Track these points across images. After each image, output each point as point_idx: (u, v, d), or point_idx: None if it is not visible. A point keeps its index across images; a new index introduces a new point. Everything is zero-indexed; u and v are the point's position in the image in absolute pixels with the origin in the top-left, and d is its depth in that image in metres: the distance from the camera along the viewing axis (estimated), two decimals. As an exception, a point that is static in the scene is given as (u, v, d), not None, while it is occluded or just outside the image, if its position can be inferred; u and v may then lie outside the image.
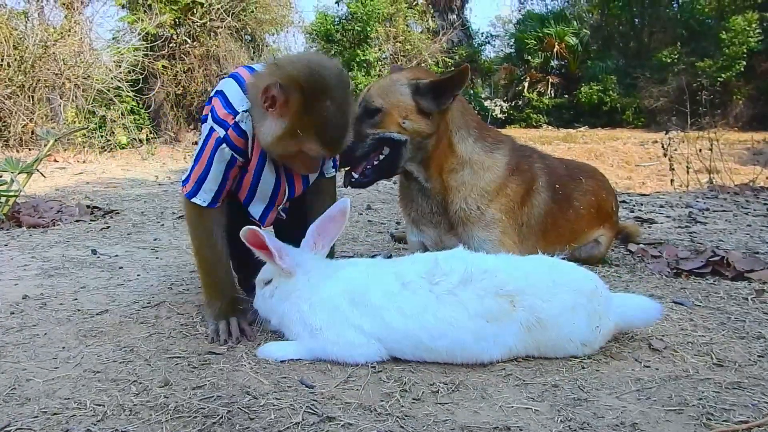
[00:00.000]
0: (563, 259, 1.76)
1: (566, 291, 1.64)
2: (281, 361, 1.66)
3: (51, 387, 1.51)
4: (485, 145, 2.34)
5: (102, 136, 10.01)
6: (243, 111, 1.86)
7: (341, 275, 1.73)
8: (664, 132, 6.83)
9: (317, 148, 1.76)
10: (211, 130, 1.87)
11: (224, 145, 1.86)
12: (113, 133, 10.50)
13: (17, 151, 8.50)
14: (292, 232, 1.97)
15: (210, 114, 1.90)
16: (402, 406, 1.42)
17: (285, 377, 1.57)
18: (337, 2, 19.62)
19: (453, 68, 20.00)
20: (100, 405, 1.42)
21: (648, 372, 1.60)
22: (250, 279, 1.96)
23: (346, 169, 2.32)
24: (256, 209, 2.03)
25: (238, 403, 1.42)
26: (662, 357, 1.69)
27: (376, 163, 2.29)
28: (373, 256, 1.98)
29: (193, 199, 1.90)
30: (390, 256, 2.21)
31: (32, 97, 9.38)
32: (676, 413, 1.38)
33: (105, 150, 9.41)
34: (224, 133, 1.86)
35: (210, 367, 1.63)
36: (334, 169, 2.15)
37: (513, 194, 2.30)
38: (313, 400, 1.44)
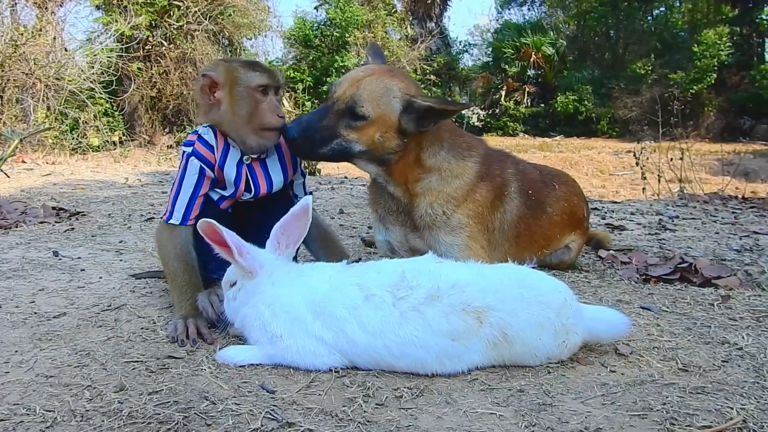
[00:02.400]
0: (533, 267, 1.72)
1: (534, 305, 1.59)
2: (241, 366, 1.62)
3: (0, 392, 1.45)
4: (457, 152, 2.29)
5: (74, 138, 9.86)
6: (203, 126, 2.13)
7: (305, 282, 1.68)
8: (637, 141, 6.91)
9: (257, 79, 2.03)
10: (182, 153, 2.13)
11: (192, 157, 2.08)
12: (85, 135, 10.36)
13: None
14: None
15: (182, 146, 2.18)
16: (365, 412, 1.39)
17: (246, 382, 1.53)
18: (315, 8, 19.64)
19: (432, 76, 20.05)
20: (50, 411, 1.37)
21: (614, 377, 1.58)
22: None
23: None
24: (214, 194, 2.15)
25: (195, 409, 1.38)
26: (628, 362, 1.68)
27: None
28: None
29: (170, 221, 2.08)
30: (359, 260, 2.17)
31: (1, 97, 9.21)
32: (640, 418, 1.37)
33: (76, 152, 9.25)
34: (191, 147, 2.09)
35: (168, 371, 1.59)
36: (309, 195, 2.24)
37: (482, 199, 2.27)
38: (274, 406, 1.40)
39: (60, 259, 2.69)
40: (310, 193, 2.37)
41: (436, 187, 2.25)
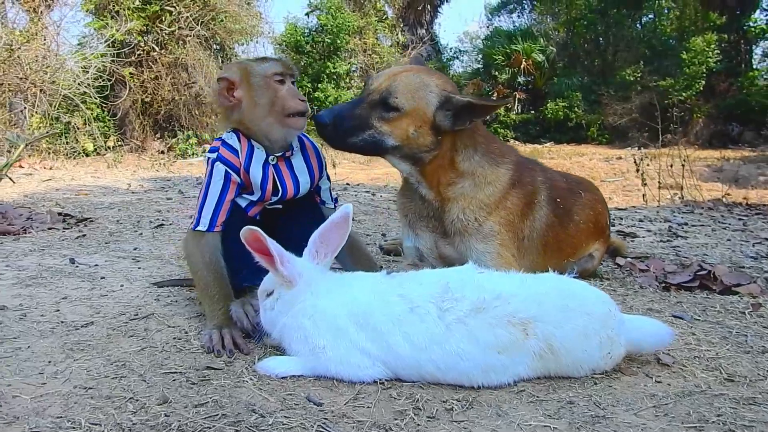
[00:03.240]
0: (574, 277, 1.71)
1: (580, 316, 1.58)
2: (283, 378, 1.59)
3: (40, 404, 1.42)
4: (491, 158, 2.26)
5: (67, 143, 9.75)
6: (227, 132, 2.14)
7: (347, 293, 1.65)
8: (638, 148, 6.94)
9: (271, 67, 2.07)
10: (207, 160, 2.11)
11: (218, 162, 2.07)
12: (77, 140, 10.25)
13: (-22, 157, 8.22)
14: None
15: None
16: (418, 425, 1.37)
17: (291, 394, 1.50)
18: (307, 14, 19.58)
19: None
20: (95, 424, 1.33)
21: (661, 388, 1.57)
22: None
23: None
24: (242, 200, 2.15)
25: (246, 422, 1.35)
26: (672, 372, 1.66)
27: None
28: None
29: (197, 228, 2.06)
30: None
31: (-6, 102, 9.12)
32: (697, 430, 1.35)
33: (70, 157, 9.15)
34: (216, 153, 2.08)
35: (210, 383, 1.56)
36: (333, 203, 2.34)
37: (513, 207, 2.25)
38: (324, 419, 1.38)
39: (77, 267, 2.64)
40: (335, 199, 2.36)
41: (470, 192, 2.22)
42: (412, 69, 2.20)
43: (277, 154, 2.11)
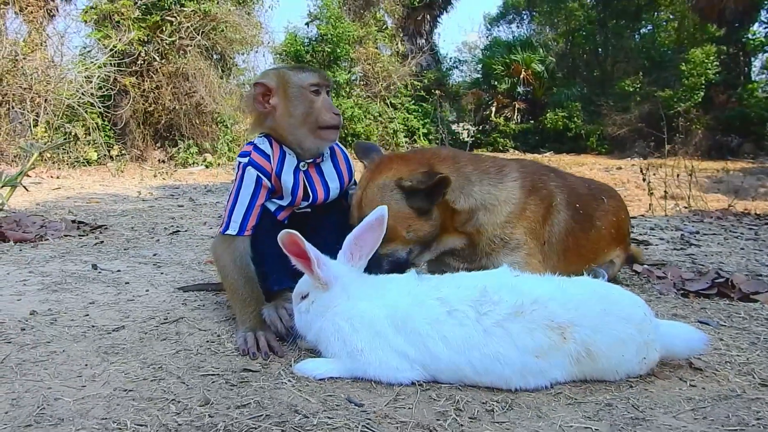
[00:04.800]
0: (607, 281, 1.72)
1: (617, 321, 1.58)
2: (321, 379, 1.60)
3: (83, 407, 1.42)
4: (490, 179, 2.22)
5: (69, 152, 9.76)
6: (259, 137, 2.15)
7: (384, 296, 1.66)
8: (639, 158, 6.98)
9: (309, 78, 2.08)
10: (238, 164, 2.12)
11: (249, 167, 2.08)
12: (76, 149, 10.24)
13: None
14: None
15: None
16: (461, 426, 1.38)
17: (331, 395, 1.51)
18: (307, 24, 19.66)
19: (422, 92, 20.22)
20: (141, 425, 1.34)
21: (697, 391, 1.58)
22: None
23: None
24: (271, 204, 2.15)
25: (290, 422, 1.36)
26: (705, 376, 1.68)
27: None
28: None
29: (226, 232, 2.06)
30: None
31: (-2, 113, 9.13)
32: (738, 433, 1.37)
33: (74, 166, 9.16)
34: (248, 158, 2.09)
35: (249, 384, 1.56)
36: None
37: (533, 214, 2.24)
38: (368, 419, 1.39)
39: (100, 272, 2.65)
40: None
41: (487, 221, 2.18)
42: (365, 180, 2.14)
43: (308, 161, 2.13)
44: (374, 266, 1.88)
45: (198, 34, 14.17)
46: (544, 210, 2.32)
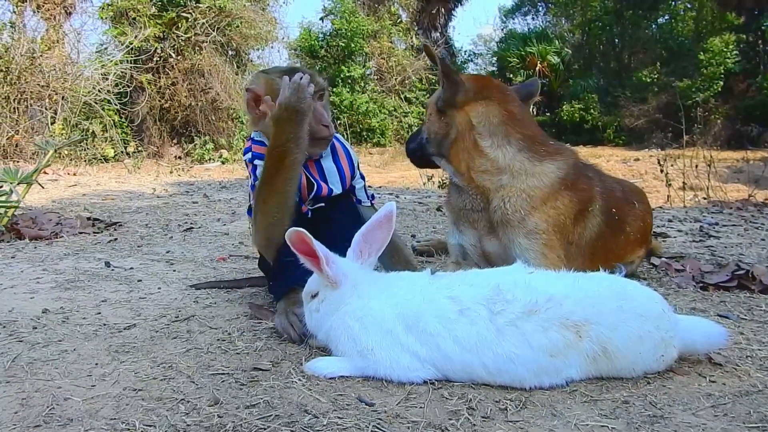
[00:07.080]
0: (624, 276, 1.68)
1: (634, 318, 1.54)
2: (331, 378, 1.58)
3: (92, 406, 1.41)
4: (533, 155, 2.23)
5: (86, 149, 9.84)
6: (255, 131, 2.17)
7: (394, 294, 1.62)
8: (657, 149, 6.90)
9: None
10: (246, 163, 2.16)
11: (256, 159, 2.08)
12: (95, 146, 10.33)
13: (2, 163, 8.31)
14: None
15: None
16: (474, 425, 1.35)
17: (341, 395, 1.49)
18: (321, 19, 19.68)
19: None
20: (150, 425, 1.33)
21: (716, 387, 1.54)
22: None
23: None
24: None
25: (300, 422, 1.34)
26: (725, 372, 1.64)
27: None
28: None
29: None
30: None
31: (17, 108, 9.20)
32: (760, 430, 1.33)
33: (91, 163, 9.23)
34: (251, 153, 2.11)
35: (259, 384, 1.55)
36: (369, 201, 2.39)
37: (564, 209, 2.20)
38: (378, 419, 1.36)
39: (113, 270, 2.66)
40: (371, 196, 2.35)
41: (509, 183, 2.21)
42: None
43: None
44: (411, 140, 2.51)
45: (213, 30, 14.25)
46: (578, 211, 2.26)
